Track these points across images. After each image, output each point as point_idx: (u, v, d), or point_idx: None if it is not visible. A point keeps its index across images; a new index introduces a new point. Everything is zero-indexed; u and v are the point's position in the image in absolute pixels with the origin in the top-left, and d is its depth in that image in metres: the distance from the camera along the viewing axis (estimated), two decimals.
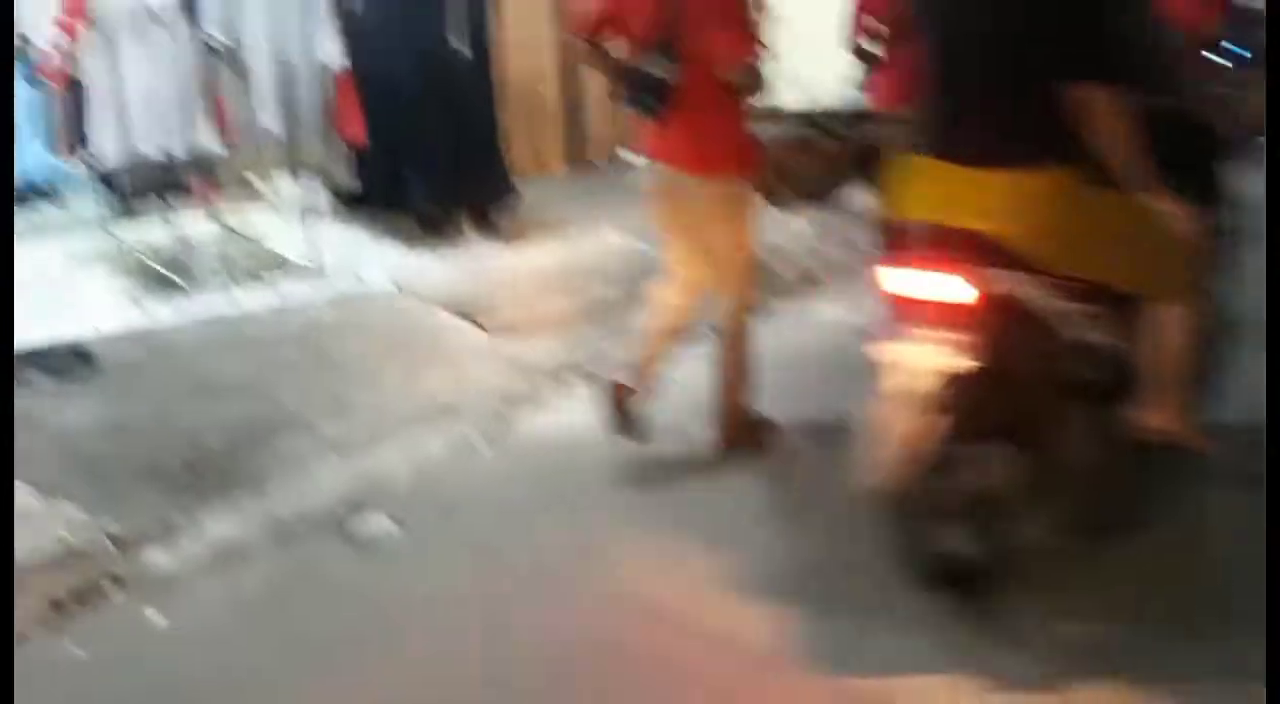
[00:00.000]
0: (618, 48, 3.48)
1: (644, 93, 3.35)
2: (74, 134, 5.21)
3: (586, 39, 3.50)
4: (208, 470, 3.67)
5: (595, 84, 8.38)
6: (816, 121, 4.54)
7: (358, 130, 5.76)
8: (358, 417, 4.08)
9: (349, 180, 6.33)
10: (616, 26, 3.45)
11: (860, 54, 4.77)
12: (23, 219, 6.42)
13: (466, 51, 5.99)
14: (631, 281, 5.49)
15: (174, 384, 4.30)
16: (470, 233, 6.18)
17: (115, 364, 4.46)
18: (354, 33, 5.75)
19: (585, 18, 3.49)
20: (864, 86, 4.77)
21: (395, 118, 5.97)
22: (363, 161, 6.21)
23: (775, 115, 4.00)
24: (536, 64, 8.14)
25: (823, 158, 4.47)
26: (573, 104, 8.41)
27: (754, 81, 3.42)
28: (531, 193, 6.78)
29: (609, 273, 5.60)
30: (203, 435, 3.89)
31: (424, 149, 6.12)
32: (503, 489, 3.69)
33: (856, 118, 4.44)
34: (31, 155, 6.45)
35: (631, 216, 6.50)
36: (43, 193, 6.72)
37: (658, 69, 3.29)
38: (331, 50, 5.56)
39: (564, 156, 8.35)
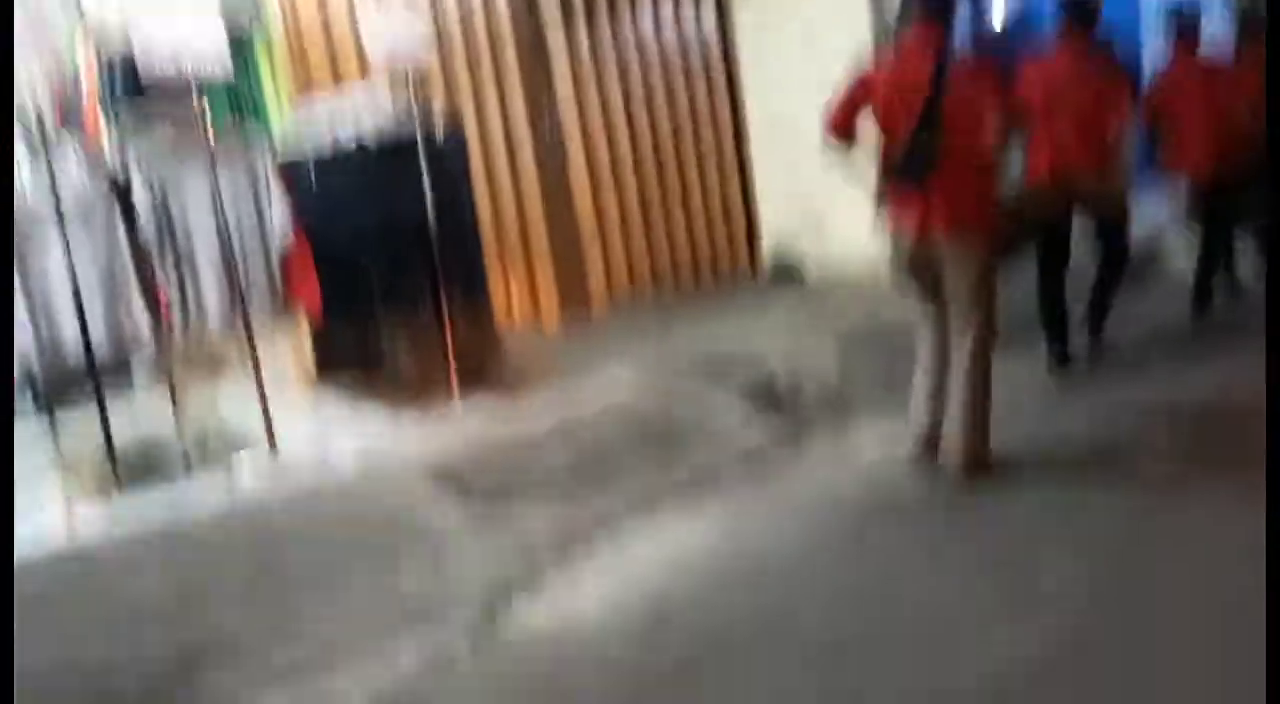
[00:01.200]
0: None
1: (912, 164, 3.80)
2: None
3: (840, 135, 3.97)
4: None
5: (588, 226, 7.91)
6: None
7: (313, 295, 5.14)
8: (312, 634, 3.30)
9: (311, 348, 5.68)
10: (879, 116, 3.90)
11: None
12: None
13: (433, 210, 5.40)
14: (640, 435, 4.77)
15: (90, 613, 3.51)
16: (457, 389, 5.46)
17: (19, 594, 3.67)
18: (307, 194, 5.21)
19: (835, 117, 3.96)
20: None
21: (360, 276, 5.37)
22: (326, 325, 5.56)
23: None
24: (529, 209, 7.64)
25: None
26: (565, 248, 7.85)
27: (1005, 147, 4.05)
28: (526, 343, 6.12)
29: (613, 425, 4.86)
30: (114, 678, 3.09)
31: (393, 307, 5.51)
32: None
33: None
34: None
35: (635, 362, 5.85)
36: None
37: (922, 145, 3.77)
38: (281, 216, 4.99)
39: (559, 304, 7.75)
